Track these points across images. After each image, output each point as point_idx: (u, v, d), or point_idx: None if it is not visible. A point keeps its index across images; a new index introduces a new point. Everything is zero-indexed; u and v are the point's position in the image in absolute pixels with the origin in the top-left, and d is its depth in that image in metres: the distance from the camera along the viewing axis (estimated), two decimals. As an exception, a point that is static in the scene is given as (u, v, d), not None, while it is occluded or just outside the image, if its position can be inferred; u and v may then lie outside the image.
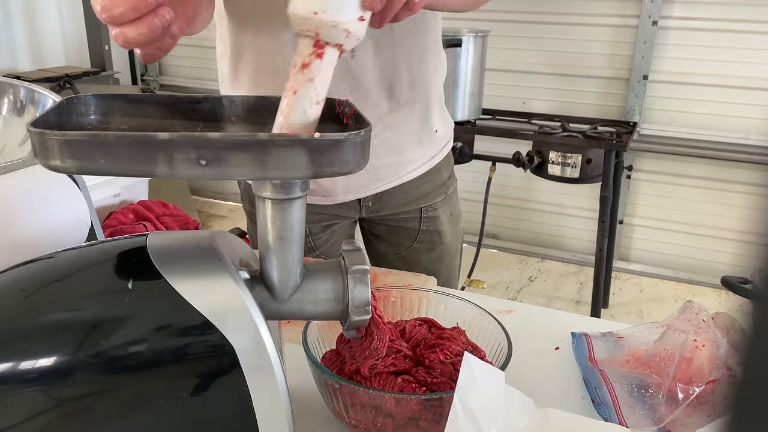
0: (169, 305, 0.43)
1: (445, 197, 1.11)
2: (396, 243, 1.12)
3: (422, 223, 1.09)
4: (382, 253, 1.14)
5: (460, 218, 1.17)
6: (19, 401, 0.42)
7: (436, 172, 1.08)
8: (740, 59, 2.49)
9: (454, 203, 1.14)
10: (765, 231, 0.17)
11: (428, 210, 1.09)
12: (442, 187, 1.10)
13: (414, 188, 1.06)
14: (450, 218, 1.12)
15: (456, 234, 1.15)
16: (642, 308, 2.66)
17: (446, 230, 1.11)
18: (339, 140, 0.42)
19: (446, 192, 1.11)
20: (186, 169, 0.41)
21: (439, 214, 1.10)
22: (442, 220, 1.10)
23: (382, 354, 0.59)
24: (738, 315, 0.72)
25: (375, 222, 1.11)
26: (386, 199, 1.06)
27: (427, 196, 1.08)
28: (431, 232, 1.10)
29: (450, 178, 1.12)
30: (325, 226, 1.08)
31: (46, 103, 0.76)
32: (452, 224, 1.13)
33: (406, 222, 1.09)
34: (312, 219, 1.06)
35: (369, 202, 1.06)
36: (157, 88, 3.57)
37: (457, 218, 1.15)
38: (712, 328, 0.69)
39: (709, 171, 2.67)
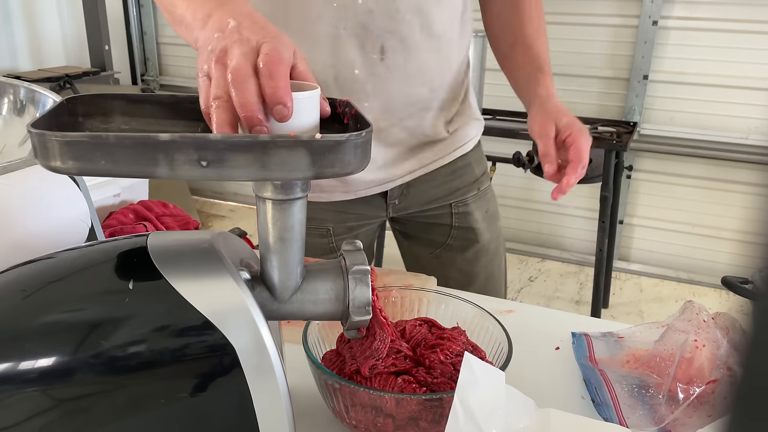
0: (170, 305, 0.43)
1: (477, 193, 1.07)
2: (429, 241, 1.09)
3: (454, 219, 1.06)
4: (415, 254, 1.12)
5: (497, 217, 1.12)
6: (19, 401, 0.42)
7: (467, 167, 1.05)
8: (740, 59, 2.49)
9: (489, 200, 1.10)
10: (765, 231, 0.17)
11: (459, 205, 1.06)
12: (474, 183, 1.07)
13: (442, 183, 1.04)
14: (485, 215, 1.08)
15: (494, 233, 1.10)
16: (642, 308, 2.66)
17: (482, 228, 1.07)
18: (340, 141, 0.42)
19: (479, 188, 1.07)
20: (187, 170, 0.41)
21: (472, 210, 1.06)
22: (476, 216, 1.07)
23: (382, 354, 0.59)
24: (738, 315, 0.72)
25: (404, 220, 1.09)
26: (413, 195, 1.04)
27: (457, 191, 1.05)
28: (465, 229, 1.07)
29: (483, 175, 1.09)
30: (350, 228, 1.05)
31: (46, 103, 0.76)
32: (488, 222, 1.09)
33: (437, 218, 1.06)
34: (336, 218, 1.04)
35: (396, 199, 1.03)
36: (157, 88, 3.57)
37: (493, 216, 1.11)
38: (713, 328, 0.69)
39: (709, 171, 2.67)
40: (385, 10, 0.85)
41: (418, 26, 0.87)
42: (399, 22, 0.86)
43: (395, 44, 0.87)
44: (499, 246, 1.12)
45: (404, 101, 0.92)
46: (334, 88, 0.90)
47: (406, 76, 0.90)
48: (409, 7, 0.86)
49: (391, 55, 0.88)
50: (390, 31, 0.86)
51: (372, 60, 0.88)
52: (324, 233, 1.05)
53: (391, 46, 0.87)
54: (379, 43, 0.87)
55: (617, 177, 2.41)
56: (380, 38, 0.86)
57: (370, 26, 0.86)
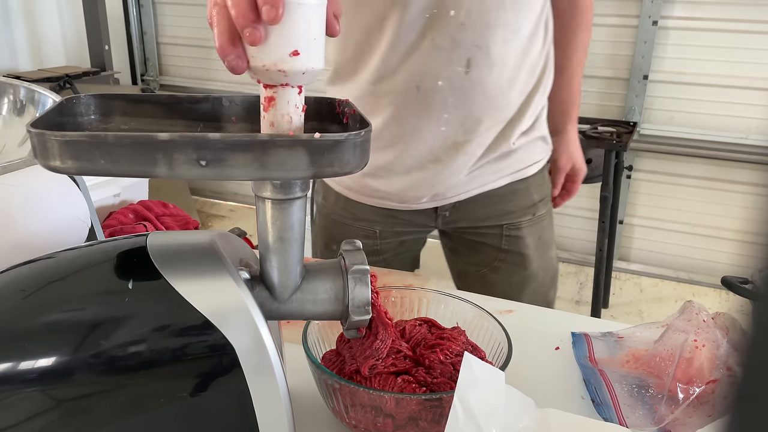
0: (169, 305, 0.43)
1: (532, 218, 1.04)
2: (476, 259, 1.06)
3: (504, 242, 1.03)
4: (461, 270, 1.10)
5: (550, 246, 1.09)
6: (19, 401, 0.42)
7: (524, 191, 1.03)
8: (740, 59, 2.49)
9: (544, 228, 1.07)
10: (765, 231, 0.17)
11: (511, 228, 1.03)
12: (530, 207, 1.04)
13: (497, 203, 1.01)
14: (538, 242, 1.05)
15: (545, 263, 1.07)
16: (642, 308, 2.66)
17: (532, 255, 1.04)
18: (339, 140, 0.42)
19: (534, 213, 1.04)
20: (186, 169, 0.41)
21: (524, 235, 1.03)
22: (528, 242, 1.04)
23: (382, 354, 0.59)
24: (738, 315, 0.72)
25: (453, 234, 1.07)
26: (464, 210, 1.02)
27: (511, 214, 1.02)
28: (514, 253, 1.04)
29: (542, 201, 1.06)
30: (397, 233, 1.04)
31: (46, 103, 0.76)
32: (540, 250, 1.06)
33: (486, 238, 1.04)
34: (384, 221, 1.03)
35: (446, 212, 1.02)
36: (157, 88, 3.57)
37: (547, 245, 1.08)
38: (712, 328, 0.69)
39: (709, 171, 2.67)
40: (477, 25, 0.85)
41: (506, 43, 0.87)
42: (488, 37, 0.86)
43: (482, 59, 0.87)
44: (548, 276, 1.09)
45: (483, 117, 0.91)
46: (415, 97, 0.89)
47: (488, 92, 0.89)
48: (500, 23, 0.86)
49: (476, 70, 0.87)
50: (478, 45, 0.86)
51: (457, 73, 0.87)
52: (370, 234, 1.04)
53: (477, 61, 0.87)
54: (465, 57, 0.86)
55: (617, 177, 2.41)
56: (468, 52, 0.86)
57: (459, 39, 0.85)
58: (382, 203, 1.01)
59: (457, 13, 0.84)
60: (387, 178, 0.98)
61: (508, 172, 1.00)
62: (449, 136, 0.92)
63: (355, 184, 1.02)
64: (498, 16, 0.85)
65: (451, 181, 0.96)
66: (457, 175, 0.96)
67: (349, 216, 1.05)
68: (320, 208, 1.11)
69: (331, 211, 1.08)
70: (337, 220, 1.07)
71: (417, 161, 0.95)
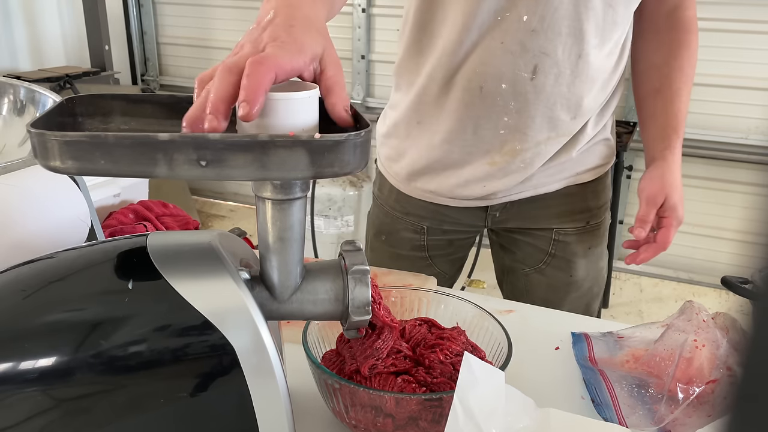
0: (169, 305, 0.43)
1: (585, 226, 1.01)
2: (522, 258, 1.04)
3: (552, 246, 1.01)
4: (507, 266, 1.08)
5: (601, 257, 1.05)
6: (19, 401, 0.42)
7: (579, 196, 0.99)
8: (740, 59, 2.49)
9: (596, 237, 1.03)
10: (765, 231, 0.17)
11: (560, 233, 1.00)
12: (583, 214, 1.00)
13: (549, 207, 0.99)
14: (587, 252, 1.02)
15: (593, 273, 1.04)
16: (642, 308, 2.67)
17: (579, 263, 1.01)
18: (339, 141, 0.42)
19: (588, 221, 1.01)
20: (186, 169, 0.41)
21: (572, 242, 1.01)
22: (576, 249, 1.01)
23: (382, 354, 0.59)
24: (738, 315, 0.72)
25: (502, 233, 1.06)
26: (515, 212, 1.00)
27: (561, 218, 1.00)
28: (561, 258, 1.01)
29: (599, 209, 1.02)
30: (445, 231, 1.04)
31: (46, 103, 0.76)
32: (589, 259, 1.02)
33: (535, 239, 1.02)
34: (433, 217, 1.02)
35: (497, 212, 1.01)
36: (157, 88, 3.57)
37: (597, 255, 1.04)
38: (712, 328, 0.69)
39: (709, 171, 2.67)
40: (548, 32, 0.83)
41: (576, 52, 0.85)
42: (558, 45, 0.84)
43: (549, 66, 0.85)
44: (594, 287, 1.05)
45: (543, 125, 0.89)
46: (478, 96, 0.88)
47: (552, 101, 0.87)
48: (572, 31, 0.83)
49: (541, 77, 0.85)
50: (547, 53, 0.84)
51: (522, 78, 0.85)
52: (418, 230, 1.04)
53: (543, 68, 0.85)
54: (533, 63, 0.85)
55: (617, 177, 2.41)
56: (536, 58, 0.84)
57: (529, 45, 0.84)
58: (432, 198, 1.00)
59: (530, 18, 0.82)
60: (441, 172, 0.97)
61: (565, 176, 0.97)
62: (508, 140, 0.90)
63: (409, 177, 1.01)
64: (572, 26, 0.83)
65: (504, 183, 0.95)
66: (512, 180, 0.94)
67: (399, 209, 1.05)
68: (375, 199, 1.11)
69: (384, 203, 1.08)
70: (389, 212, 1.07)
71: (473, 159, 0.93)
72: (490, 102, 0.88)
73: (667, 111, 0.95)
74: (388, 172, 1.06)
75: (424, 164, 0.98)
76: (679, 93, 0.95)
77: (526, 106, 0.87)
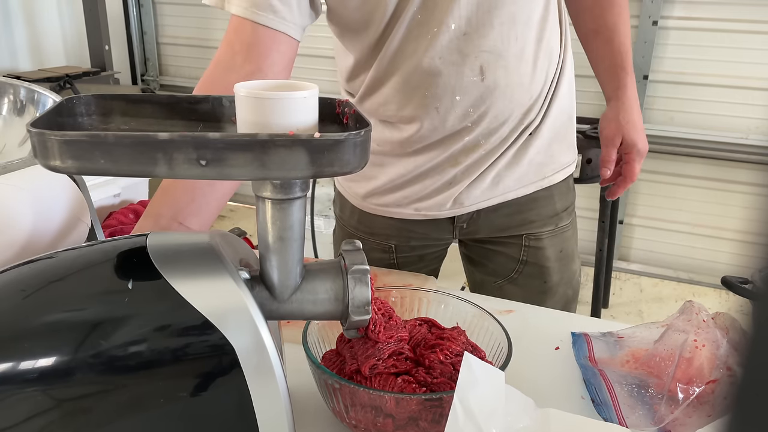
0: (169, 305, 0.43)
1: (554, 229, 1.00)
2: (493, 270, 1.03)
3: (524, 253, 0.99)
4: (478, 281, 1.06)
5: (572, 259, 1.03)
6: (19, 401, 0.42)
7: (548, 199, 0.98)
8: (740, 59, 2.49)
9: (566, 239, 1.02)
10: (765, 231, 0.17)
11: (531, 238, 0.99)
12: (553, 218, 0.99)
13: (517, 213, 0.97)
14: (559, 255, 1.01)
15: (566, 277, 1.02)
16: (642, 308, 2.66)
17: (552, 267, 1.00)
18: (339, 140, 0.42)
19: (557, 224, 1.00)
20: (186, 169, 0.41)
21: (545, 246, 0.99)
22: (548, 254, 0.99)
23: (384, 355, 0.59)
24: (738, 315, 0.72)
25: (471, 244, 1.04)
26: (482, 221, 0.98)
27: (532, 224, 0.98)
28: (533, 265, 1.00)
29: (565, 212, 1.01)
30: (413, 247, 1.02)
31: (46, 103, 0.76)
32: (561, 263, 1.01)
33: (505, 247, 1.00)
34: (399, 234, 1.00)
35: (464, 223, 0.98)
36: (157, 88, 3.57)
37: (569, 258, 1.02)
38: (712, 328, 0.69)
39: (709, 171, 2.67)
40: (481, 29, 0.82)
41: (516, 37, 0.84)
42: (496, 38, 0.83)
43: (494, 61, 0.84)
44: (569, 291, 1.04)
45: (507, 116, 0.88)
46: (437, 117, 0.87)
47: (510, 91, 0.86)
48: (504, 19, 0.82)
49: (491, 74, 0.84)
50: (487, 50, 0.83)
51: (473, 83, 0.84)
52: (386, 249, 1.02)
53: (490, 65, 0.84)
54: (478, 65, 0.83)
55: (617, 177, 2.40)
56: (478, 59, 0.83)
57: (466, 49, 0.82)
58: (397, 212, 0.98)
59: (458, 24, 0.81)
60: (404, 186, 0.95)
61: (533, 179, 0.96)
62: (472, 140, 0.89)
63: (369, 195, 0.99)
64: (501, 13, 0.82)
65: (473, 187, 0.93)
66: (476, 186, 0.93)
67: (364, 230, 1.03)
68: (338, 219, 1.09)
69: (346, 224, 1.06)
70: (353, 233, 1.05)
71: (439, 169, 0.92)
72: (450, 117, 0.87)
73: (610, 50, 0.96)
74: (347, 192, 1.04)
75: (386, 180, 0.96)
76: (616, 29, 0.96)
77: (487, 107, 0.86)
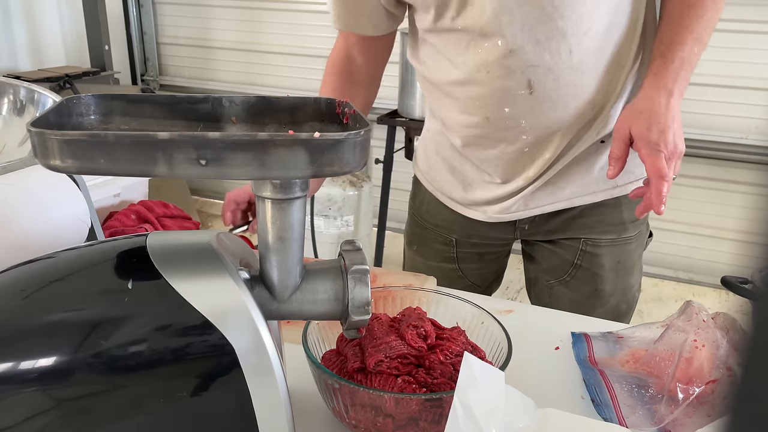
0: (169, 305, 0.43)
1: (616, 239, 0.96)
2: (548, 269, 1.02)
3: (579, 257, 0.98)
4: (533, 277, 1.07)
5: (633, 274, 1.00)
6: (19, 401, 0.42)
7: (614, 207, 0.95)
8: (740, 59, 2.49)
9: (628, 252, 0.98)
10: (765, 231, 0.17)
11: (588, 243, 0.97)
12: (616, 227, 0.96)
13: (578, 217, 0.96)
14: (616, 266, 0.97)
15: (621, 289, 0.99)
16: (642, 308, 2.66)
17: (607, 276, 0.97)
18: (338, 140, 0.42)
19: (620, 234, 0.96)
20: (186, 168, 0.41)
21: (601, 254, 0.96)
22: (604, 262, 0.97)
23: (392, 354, 0.59)
24: (738, 315, 0.72)
25: (531, 243, 1.04)
26: (544, 224, 0.98)
27: (592, 229, 0.96)
28: (587, 271, 0.98)
29: (633, 223, 0.97)
30: (473, 244, 1.03)
31: (46, 103, 0.76)
32: (618, 273, 0.98)
33: (563, 248, 0.99)
34: (461, 230, 1.02)
35: (525, 225, 0.99)
36: (157, 88, 3.57)
37: (627, 271, 0.99)
38: (712, 328, 0.69)
39: (709, 171, 2.67)
40: (526, 45, 0.81)
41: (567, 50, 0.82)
42: (542, 52, 0.82)
43: (542, 75, 0.83)
44: (623, 304, 1.00)
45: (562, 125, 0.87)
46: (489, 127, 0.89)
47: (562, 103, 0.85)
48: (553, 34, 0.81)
49: (540, 87, 0.84)
50: (534, 65, 0.82)
51: (521, 96, 0.84)
52: (447, 242, 1.04)
53: (538, 78, 0.83)
54: (525, 79, 0.83)
55: (617, 177, 2.40)
56: (525, 74, 0.83)
57: (513, 66, 0.83)
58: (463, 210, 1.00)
59: (505, 41, 0.81)
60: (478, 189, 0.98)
61: (603, 187, 0.94)
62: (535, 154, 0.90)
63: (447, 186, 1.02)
64: (547, 28, 0.80)
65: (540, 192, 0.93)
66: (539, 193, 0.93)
67: (430, 219, 1.05)
68: (409, 209, 1.12)
69: (416, 212, 1.09)
70: (419, 222, 1.07)
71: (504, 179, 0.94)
72: (501, 127, 0.88)
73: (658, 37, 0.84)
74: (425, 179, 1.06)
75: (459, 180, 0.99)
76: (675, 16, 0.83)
77: (538, 119, 0.86)
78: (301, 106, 0.53)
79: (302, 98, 0.54)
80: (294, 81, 3.14)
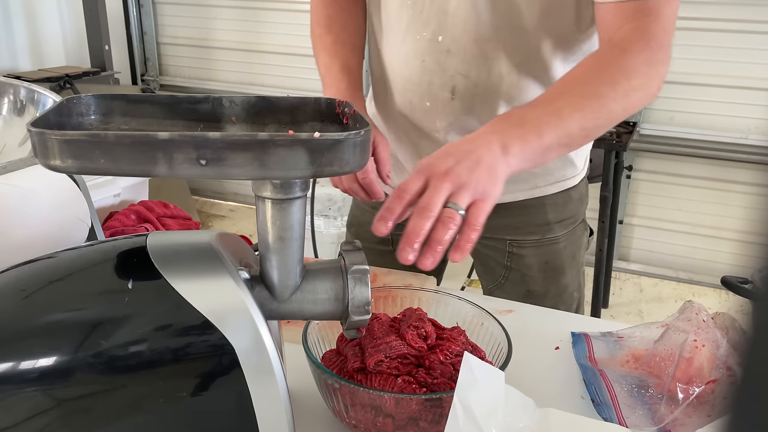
0: (169, 305, 0.43)
1: (541, 239, 0.97)
2: (483, 274, 1.04)
3: (507, 259, 0.99)
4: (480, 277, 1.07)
5: (564, 274, 0.99)
6: (19, 401, 0.42)
7: (539, 208, 0.95)
8: (740, 59, 2.49)
9: (555, 252, 0.98)
10: (765, 231, 0.17)
11: (513, 245, 0.98)
12: (541, 227, 0.96)
13: (503, 216, 0.92)
14: (544, 267, 0.98)
15: (554, 290, 0.99)
16: (642, 308, 2.66)
17: (536, 278, 0.98)
18: (338, 140, 0.42)
19: (544, 234, 0.96)
20: (186, 168, 0.41)
21: (527, 255, 0.97)
22: (530, 263, 0.98)
23: (393, 354, 0.59)
24: (738, 315, 0.72)
25: None
26: None
27: (516, 230, 0.97)
28: (517, 272, 0.99)
29: (559, 223, 0.96)
30: None
31: (46, 103, 0.76)
32: (547, 274, 0.98)
33: (493, 251, 1.00)
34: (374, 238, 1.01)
35: None
36: (157, 88, 3.57)
37: (557, 272, 0.98)
38: (712, 328, 0.69)
39: (709, 171, 2.67)
40: (462, 54, 0.83)
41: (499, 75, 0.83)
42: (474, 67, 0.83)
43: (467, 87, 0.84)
44: (560, 305, 0.99)
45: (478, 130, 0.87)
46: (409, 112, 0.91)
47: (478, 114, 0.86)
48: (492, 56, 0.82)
49: (460, 97, 0.85)
50: (463, 74, 0.84)
51: (443, 97, 0.87)
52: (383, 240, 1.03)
53: (460, 88, 0.85)
54: (450, 84, 0.85)
55: (617, 177, 2.41)
56: (453, 79, 0.85)
57: (445, 65, 0.84)
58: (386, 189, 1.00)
59: (444, 39, 0.84)
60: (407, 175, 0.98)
61: (522, 188, 0.94)
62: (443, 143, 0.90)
63: None
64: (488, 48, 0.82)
65: None
66: None
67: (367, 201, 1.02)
68: None
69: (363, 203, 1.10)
70: (359, 203, 1.11)
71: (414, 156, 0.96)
72: (420, 117, 0.91)
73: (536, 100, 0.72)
74: None
75: None
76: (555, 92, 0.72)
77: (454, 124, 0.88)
78: (301, 106, 0.53)
79: (302, 98, 0.54)
80: (294, 81, 3.14)
